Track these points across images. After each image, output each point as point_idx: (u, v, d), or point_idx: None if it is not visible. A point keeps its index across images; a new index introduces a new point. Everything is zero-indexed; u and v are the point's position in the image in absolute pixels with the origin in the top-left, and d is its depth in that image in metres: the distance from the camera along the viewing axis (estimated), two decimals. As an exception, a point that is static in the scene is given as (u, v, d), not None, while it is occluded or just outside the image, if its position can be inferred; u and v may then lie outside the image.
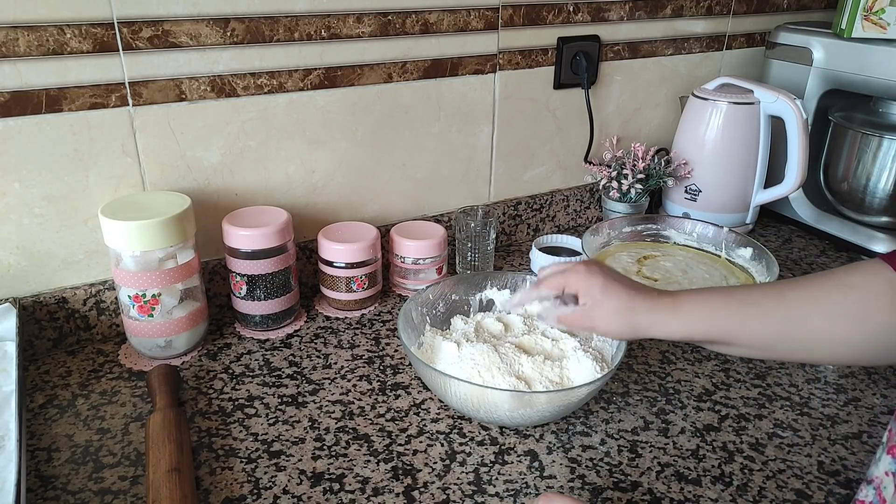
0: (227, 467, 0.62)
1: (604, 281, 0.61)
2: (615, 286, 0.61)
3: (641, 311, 0.60)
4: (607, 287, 0.61)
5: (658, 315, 0.59)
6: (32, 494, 0.59)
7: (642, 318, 0.60)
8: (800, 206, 1.16)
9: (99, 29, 0.71)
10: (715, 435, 0.68)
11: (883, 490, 0.44)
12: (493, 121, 1.02)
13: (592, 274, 0.62)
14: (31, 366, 0.76)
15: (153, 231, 0.71)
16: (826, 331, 0.53)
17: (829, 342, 0.53)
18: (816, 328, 0.54)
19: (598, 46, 1.07)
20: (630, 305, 0.60)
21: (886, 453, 0.44)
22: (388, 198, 0.97)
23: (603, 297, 0.61)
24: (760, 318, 0.56)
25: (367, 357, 0.80)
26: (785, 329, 0.55)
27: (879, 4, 1.03)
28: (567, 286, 0.64)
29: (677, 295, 0.60)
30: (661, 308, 0.59)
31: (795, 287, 0.55)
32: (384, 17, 0.87)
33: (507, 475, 0.62)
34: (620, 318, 0.60)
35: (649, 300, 0.60)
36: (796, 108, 1.02)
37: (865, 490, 0.46)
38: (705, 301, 0.59)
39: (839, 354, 0.55)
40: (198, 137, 0.80)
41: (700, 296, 0.60)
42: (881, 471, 0.45)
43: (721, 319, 0.57)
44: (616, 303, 0.60)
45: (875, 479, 0.45)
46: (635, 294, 0.61)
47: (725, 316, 0.57)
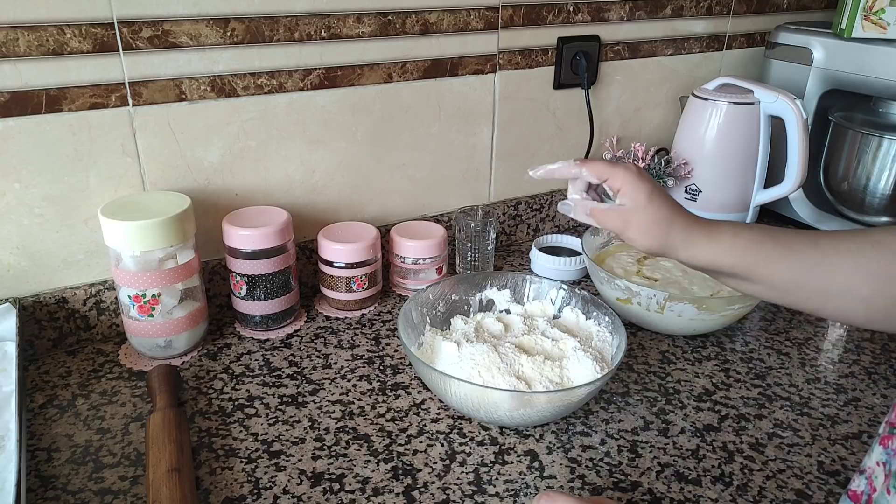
0: (227, 467, 0.62)
1: (651, 188, 0.60)
2: (661, 196, 0.60)
3: (678, 227, 0.59)
4: (654, 194, 0.60)
5: (693, 236, 0.59)
6: (32, 494, 0.59)
7: (677, 234, 0.59)
8: (800, 206, 1.16)
9: (99, 29, 0.71)
10: (715, 435, 0.68)
11: (874, 479, 0.45)
12: (493, 121, 1.02)
13: (642, 178, 0.61)
14: (31, 366, 0.76)
15: (153, 231, 0.71)
16: (850, 285, 0.53)
17: (850, 297, 0.53)
18: (841, 280, 0.53)
19: (598, 46, 1.07)
20: (670, 219, 0.60)
21: (879, 444, 0.45)
22: (388, 198, 0.97)
23: (648, 202, 0.60)
24: (790, 259, 0.55)
25: (367, 357, 0.80)
26: (811, 275, 0.55)
27: (879, 4, 1.03)
28: (611, 179, 0.62)
29: (714, 222, 0.60)
30: (697, 230, 0.59)
31: (831, 237, 0.55)
32: (384, 17, 0.87)
33: (507, 475, 0.62)
34: (657, 229, 0.60)
35: (687, 219, 0.60)
36: (796, 108, 1.02)
37: (858, 480, 0.47)
38: (741, 233, 0.58)
39: (851, 311, 0.55)
40: (198, 137, 0.80)
41: (736, 227, 0.59)
42: (873, 461, 0.45)
43: (752, 253, 0.57)
44: (657, 213, 0.60)
45: (867, 470, 0.46)
46: (677, 209, 0.60)
47: (757, 250, 0.57)
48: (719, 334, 0.87)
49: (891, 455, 0.43)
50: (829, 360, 0.82)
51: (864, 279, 0.52)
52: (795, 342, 0.85)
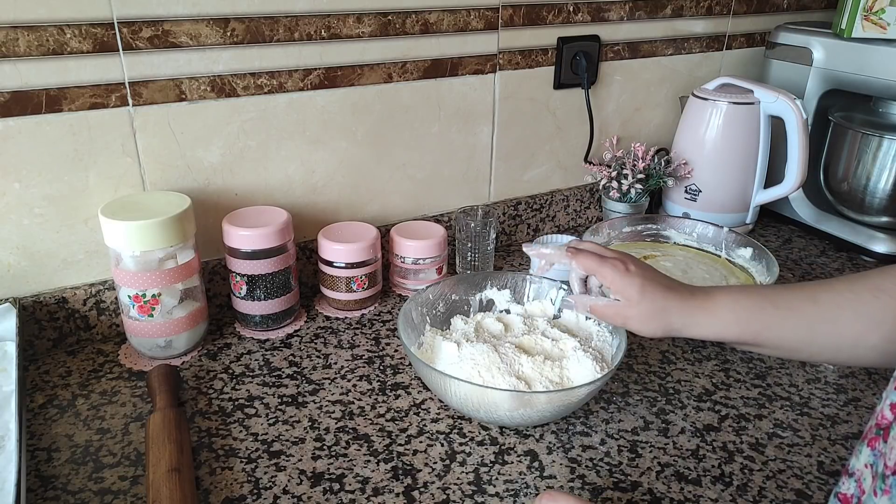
0: (227, 467, 0.62)
1: (641, 282, 0.60)
2: (651, 287, 0.60)
3: (675, 313, 0.59)
4: (644, 288, 0.60)
5: (692, 318, 0.59)
6: (32, 494, 0.59)
7: (676, 319, 0.59)
8: (800, 206, 1.16)
9: (99, 29, 0.71)
10: (715, 435, 0.68)
11: (863, 482, 0.45)
12: (493, 121, 1.02)
13: (629, 274, 0.61)
14: (31, 366, 0.76)
15: (153, 231, 0.71)
16: (855, 334, 0.53)
17: (860, 347, 0.54)
18: (846, 332, 0.54)
19: (598, 46, 1.07)
20: (664, 307, 0.60)
21: (866, 445, 0.45)
22: (388, 198, 0.97)
23: (640, 298, 0.60)
24: (793, 321, 0.56)
25: (367, 357, 0.80)
26: (815, 332, 0.55)
27: (879, 4, 1.03)
28: (601, 277, 0.63)
29: (711, 294, 0.60)
30: (694, 310, 0.59)
31: (828, 289, 0.55)
32: (384, 17, 0.87)
33: (507, 475, 0.62)
34: (654, 320, 0.60)
35: (683, 301, 0.60)
36: (796, 108, 1.02)
37: (847, 483, 0.47)
38: (738, 302, 0.58)
39: (864, 357, 0.55)
40: (198, 137, 0.80)
41: (733, 296, 0.59)
42: (861, 463, 0.45)
43: (754, 322, 0.57)
44: (651, 305, 0.60)
45: (856, 472, 0.46)
46: (670, 295, 0.60)
47: (758, 318, 0.57)
48: (719, 334, 0.86)
49: (877, 457, 0.43)
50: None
51: (870, 328, 0.53)
52: (795, 342, 0.85)
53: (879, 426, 0.44)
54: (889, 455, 0.40)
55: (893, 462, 0.39)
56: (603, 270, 0.62)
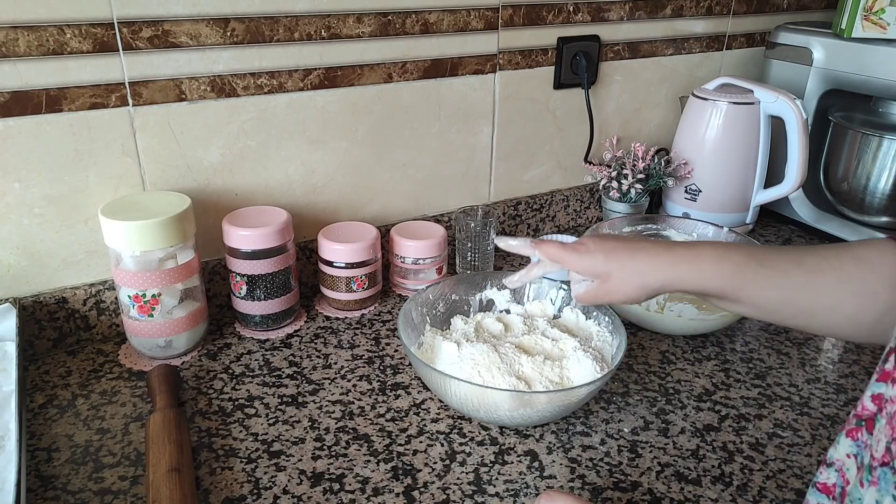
0: (227, 467, 0.62)
1: (604, 256, 0.59)
2: (616, 254, 0.59)
3: (649, 272, 0.58)
4: (609, 259, 0.59)
5: (674, 272, 0.58)
6: (32, 494, 0.59)
7: (653, 277, 0.58)
8: (800, 206, 1.16)
9: (99, 29, 0.71)
10: (715, 435, 0.68)
11: (846, 472, 0.45)
12: (493, 121, 1.02)
13: (590, 252, 0.60)
14: (31, 366, 0.76)
15: (153, 231, 0.71)
16: (833, 301, 0.53)
17: (835, 315, 0.54)
18: (826, 298, 0.54)
19: (598, 46, 1.07)
20: (638, 270, 0.58)
21: (846, 436, 0.45)
22: (388, 198, 0.97)
23: (607, 270, 0.59)
24: (777, 281, 0.55)
25: (367, 357, 0.80)
26: (797, 295, 0.55)
27: (879, 4, 1.03)
28: (566, 265, 0.62)
29: (694, 248, 0.59)
30: (675, 264, 0.58)
31: (814, 254, 0.55)
32: (384, 17, 0.87)
33: (507, 475, 0.62)
34: (632, 285, 0.59)
35: (657, 257, 0.58)
36: (796, 108, 1.02)
37: (826, 473, 0.47)
38: (723, 257, 0.57)
39: (837, 326, 0.55)
40: (198, 137, 0.80)
41: (718, 251, 0.58)
42: (841, 454, 0.45)
43: (738, 277, 0.56)
44: (622, 273, 0.59)
45: (836, 462, 0.46)
46: (638, 256, 0.59)
47: (743, 274, 0.56)
48: (719, 334, 0.87)
49: (861, 447, 0.43)
50: (829, 360, 0.82)
51: (849, 297, 0.53)
52: (795, 342, 0.85)
53: (860, 417, 0.44)
54: (875, 447, 0.40)
55: (881, 454, 0.39)
56: (565, 257, 0.61)
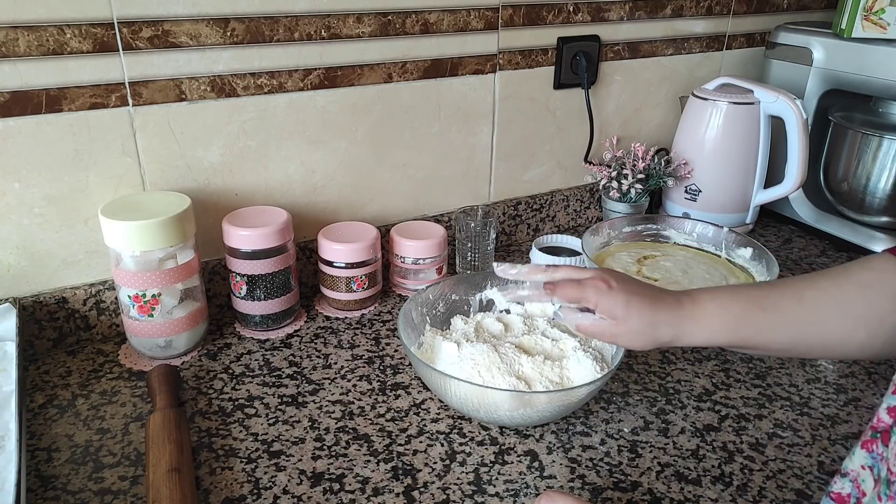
0: (227, 467, 0.62)
1: (626, 298, 0.58)
2: (637, 301, 0.58)
3: (663, 325, 0.58)
4: (629, 305, 0.58)
5: (681, 328, 0.58)
6: (32, 494, 0.59)
7: (664, 332, 0.58)
8: (800, 206, 1.16)
9: (99, 29, 0.71)
10: (715, 435, 0.68)
11: (861, 484, 0.45)
12: (493, 121, 1.02)
13: (612, 291, 0.59)
14: (31, 366, 0.76)
15: (153, 231, 0.71)
16: (842, 332, 0.54)
17: (845, 343, 0.54)
18: (834, 331, 0.54)
19: (598, 46, 1.07)
20: (652, 321, 0.58)
21: (861, 447, 0.45)
22: (388, 198, 0.97)
23: (626, 315, 0.58)
24: (782, 325, 0.56)
25: (367, 357, 0.80)
26: (804, 333, 0.55)
27: (879, 4, 1.03)
28: (584, 301, 0.60)
29: (698, 301, 0.59)
30: (683, 320, 0.58)
31: (814, 287, 0.55)
32: (384, 17, 0.87)
33: (507, 475, 0.62)
34: (643, 335, 0.59)
35: (671, 312, 0.58)
36: (796, 108, 1.02)
37: (841, 483, 0.47)
38: (725, 308, 0.58)
39: (854, 354, 0.56)
40: (198, 137, 0.80)
41: (719, 301, 0.58)
42: (856, 464, 0.45)
43: (742, 327, 0.57)
44: (639, 320, 0.58)
45: (851, 472, 0.46)
46: (657, 308, 0.58)
47: (747, 323, 0.57)
48: (719, 334, 0.86)
49: (877, 459, 0.43)
50: (829, 360, 0.82)
51: (857, 326, 0.53)
52: (795, 342, 0.85)
53: (875, 429, 0.44)
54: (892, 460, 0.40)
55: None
56: (585, 295, 0.60)
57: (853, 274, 0.54)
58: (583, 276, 0.61)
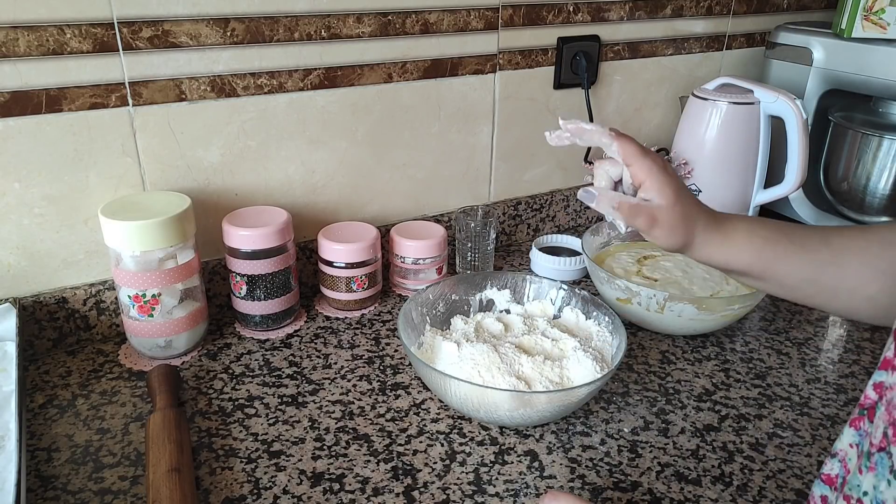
0: (227, 467, 0.62)
1: (679, 184, 0.58)
2: (686, 192, 0.59)
3: (700, 226, 0.58)
4: (681, 191, 0.58)
5: (709, 235, 0.58)
6: (32, 494, 0.59)
7: (700, 232, 0.58)
8: (800, 206, 1.16)
9: (99, 29, 0.71)
10: (715, 435, 0.68)
11: (848, 462, 0.45)
12: (493, 121, 1.02)
13: (669, 172, 0.58)
14: (31, 366, 0.76)
15: (153, 231, 0.71)
16: (856, 282, 0.54)
17: (853, 294, 0.54)
18: (850, 277, 0.54)
19: (598, 46, 1.07)
20: (695, 217, 0.58)
21: (849, 426, 0.45)
22: (388, 198, 0.97)
23: (676, 199, 0.57)
24: (804, 258, 0.56)
25: (367, 357, 0.80)
26: (822, 273, 0.55)
27: (879, 4, 1.03)
28: (637, 167, 0.57)
29: (730, 219, 0.59)
30: (714, 230, 0.58)
31: (841, 234, 0.56)
32: (384, 17, 0.87)
33: (507, 475, 0.62)
34: (683, 228, 0.58)
35: (708, 218, 0.59)
36: (796, 108, 1.02)
37: (831, 464, 0.47)
38: (755, 231, 0.58)
39: (857, 308, 0.56)
40: (198, 137, 0.80)
41: (751, 225, 0.59)
42: (845, 444, 0.45)
43: (767, 251, 0.57)
44: (683, 210, 0.57)
45: (840, 452, 0.46)
46: (700, 207, 0.59)
47: (772, 249, 0.57)
48: (719, 334, 0.87)
49: (863, 436, 0.44)
50: (829, 360, 0.82)
51: (873, 277, 0.53)
52: (795, 342, 0.85)
53: (863, 406, 0.44)
54: (874, 434, 0.40)
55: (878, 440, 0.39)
56: (644, 160, 0.57)
57: (880, 231, 0.55)
58: (647, 150, 0.59)
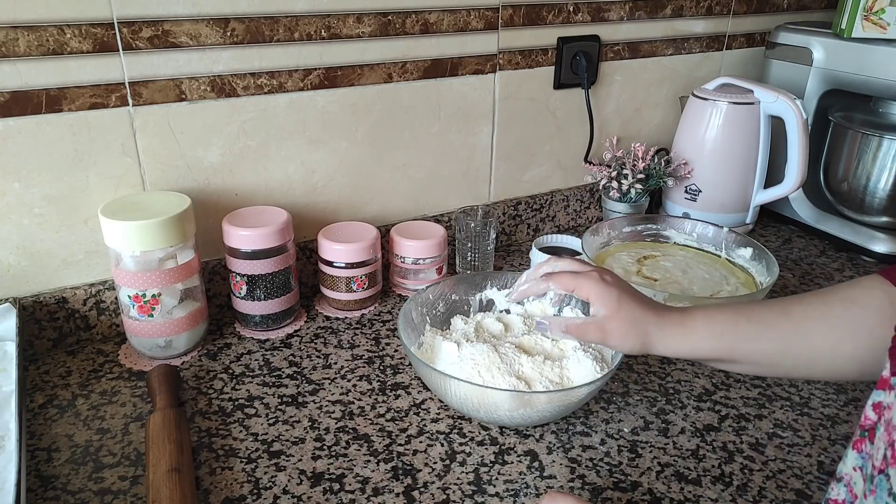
0: (227, 467, 0.62)
1: (619, 292, 0.60)
2: (629, 297, 0.60)
3: (651, 325, 0.59)
4: (622, 299, 0.59)
5: (667, 330, 0.59)
6: (32, 494, 0.59)
7: (653, 332, 0.59)
8: (800, 206, 1.16)
9: (99, 29, 0.71)
10: (715, 435, 0.68)
11: (854, 486, 0.45)
12: (493, 121, 1.02)
13: (608, 284, 0.60)
14: (31, 366, 0.76)
15: (153, 231, 0.71)
16: (829, 346, 0.54)
17: (832, 357, 0.54)
18: (819, 343, 0.54)
19: (598, 46, 1.07)
20: (643, 318, 0.59)
21: (852, 449, 0.45)
22: (388, 198, 0.97)
23: (618, 307, 0.59)
24: (766, 335, 0.56)
25: (367, 357, 0.80)
26: (789, 345, 0.55)
27: (879, 4, 1.03)
28: (579, 291, 0.61)
29: (686, 311, 0.60)
30: (670, 323, 0.59)
31: (800, 303, 0.56)
32: (384, 17, 0.87)
33: (507, 475, 0.62)
34: (634, 331, 0.59)
35: (658, 315, 0.59)
36: (796, 108, 1.02)
37: (837, 488, 0.47)
38: (713, 318, 0.59)
39: (841, 370, 0.55)
40: (198, 137, 0.80)
41: (708, 312, 0.59)
42: (849, 467, 0.45)
43: (728, 336, 0.58)
44: (630, 314, 0.59)
45: (845, 476, 0.46)
46: (646, 308, 0.60)
47: (732, 332, 0.57)
48: (719, 334, 0.86)
49: (865, 459, 0.43)
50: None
51: (843, 339, 0.53)
52: (795, 342, 0.85)
53: (863, 428, 0.44)
54: (875, 455, 0.40)
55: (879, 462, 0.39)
56: (580, 283, 0.61)
57: (840, 291, 0.55)
58: (581, 269, 0.63)
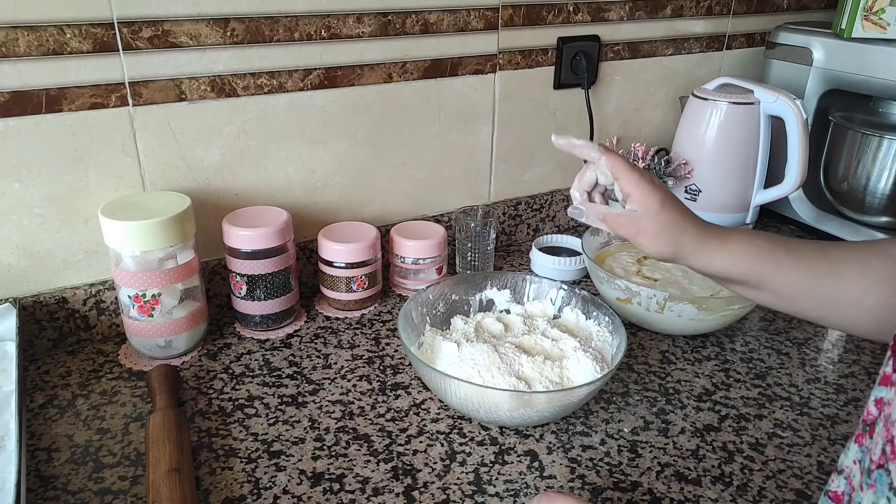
0: (227, 467, 0.62)
1: (664, 195, 0.60)
2: (672, 202, 0.60)
3: (689, 235, 0.59)
4: (666, 201, 0.59)
5: (705, 244, 0.59)
6: (32, 494, 0.59)
7: (689, 242, 0.59)
8: (800, 206, 1.16)
9: (99, 29, 0.71)
10: (715, 435, 0.68)
11: (853, 479, 0.45)
12: (493, 121, 1.02)
13: (654, 184, 0.60)
14: (31, 366, 0.76)
15: (153, 231, 0.71)
16: (856, 294, 0.54)
17: (853, 305, 0.54)
18: (848, 288, 0.54)
19: (598, 46, 1.07)
20: (681, 225, 0.59)
21: (854, 442, 0.45)
22: (388, 198, 0.97)
23: (660, 209, 0.59)
24: (801, 268, 0.56)
25: (367, 357, 0.80)
26: (819, 283, 0.55)
27: (879, 4, 1.03)
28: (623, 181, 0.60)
29: (726, 230, 0.60)
30: (709, 238, 0.59)
31: (839, 246, 0.56)
32: (384, 17, 0.87)
33: (507, 475, 0.62)
34: (668, 236, 0.59)
35: (700, 227, 0.59)
36: (796, 108, 1.02)
37: (837, 480, 0.47)
38: (752, 241, 0.58)
39: (855, 320, 0.55)
40: (198, 137, 0.80)
41: (748, 235, 0.59)
42: (850, 460, 0.45)
43: (762, 261, 0.57)
44: (669, 219, 0.59)
45: (846, 469, 0.46)
46: (689, 217, 0.60)
47: (768, 259, 0.57)
48: (719, 334, 0.87)
49: (864, 452, 0.43)
50: (829, 360, 0.82)
51: (871, 288, 0.53)
52: (795, 342, 0.85)
53: (865, 422, 0.44)
54: (874, 450, 0.40)
55: (878, 457, 0.39)
56: (630, 174, 0.60)
57: (879, 245, 0.55)
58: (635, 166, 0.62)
